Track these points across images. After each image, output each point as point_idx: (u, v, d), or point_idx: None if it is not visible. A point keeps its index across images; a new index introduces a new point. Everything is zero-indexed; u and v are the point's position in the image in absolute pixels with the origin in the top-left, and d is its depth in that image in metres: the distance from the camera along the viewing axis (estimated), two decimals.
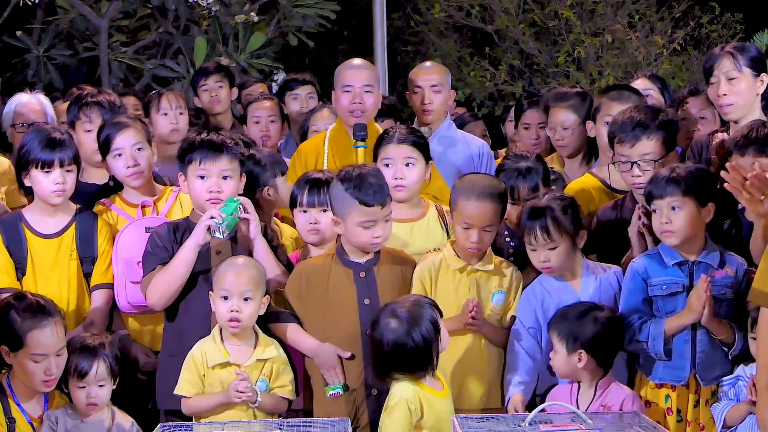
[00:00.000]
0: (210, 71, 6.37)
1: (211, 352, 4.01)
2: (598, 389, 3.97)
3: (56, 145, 4.37)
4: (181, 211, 4.61)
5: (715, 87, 4.66)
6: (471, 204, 4.20)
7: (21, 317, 3.90)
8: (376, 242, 4.15)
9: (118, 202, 4.71)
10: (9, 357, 3.95)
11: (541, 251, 4.16)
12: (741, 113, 4.61)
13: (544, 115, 5.89)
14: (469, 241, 4.20)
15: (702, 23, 10.84)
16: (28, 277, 4.39)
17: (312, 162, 5.14)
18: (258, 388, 3.98)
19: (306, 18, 8.80)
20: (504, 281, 4.28)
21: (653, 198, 4.10)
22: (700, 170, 4.13)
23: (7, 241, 4.38)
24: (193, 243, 4.14)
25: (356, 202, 4.10)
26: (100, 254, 4.51)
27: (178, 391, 4.02)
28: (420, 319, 3.84)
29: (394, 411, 3.81)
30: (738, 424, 3.93)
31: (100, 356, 4.00)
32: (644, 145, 4.39)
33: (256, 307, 4.02)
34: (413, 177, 4.46)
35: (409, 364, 3.84)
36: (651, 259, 4.14)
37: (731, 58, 4.60)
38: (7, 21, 8.74)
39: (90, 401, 3.98)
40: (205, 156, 4.22)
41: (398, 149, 4.58)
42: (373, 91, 5.19)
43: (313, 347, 4.12)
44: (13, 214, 4.50)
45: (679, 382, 4.08)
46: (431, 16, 11.45)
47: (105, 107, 4.98)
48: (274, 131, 6.05)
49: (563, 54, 10.83)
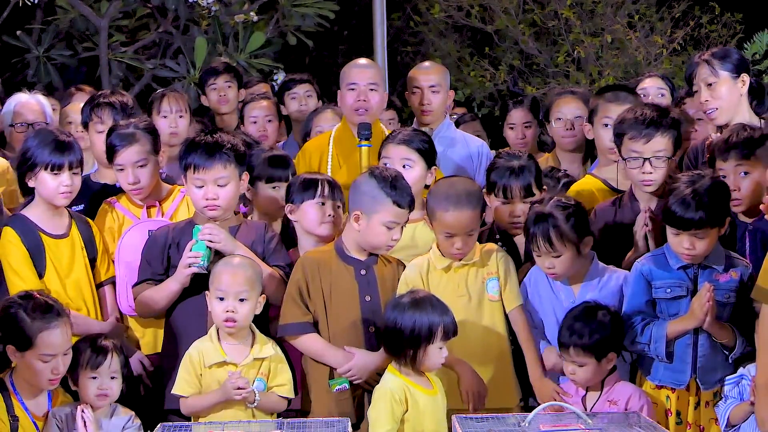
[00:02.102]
0: (219, 71, 6.38)
1: (208, 352, 4.02)
2: (605, 386, 3.98)
3: (65, 148, 4.41)
4: (187, 212, 4.64)
5: (697, 95, 4.71)
6: (449, 214, 4.20)
7: (30, 317, 3.92)
8: (392, 244, 4.18)
9: (124, 201, 4.73)
10: (15, 356, 3.97)
11: (545, 258, 4.16)
12: (727, 116, 4.63)
13: (529, 115, 5.92)
14: (454, 248, 4.21)
15: (702, 23, 10.83)
16: (50, 277, 4.41)
17: (316, 161, 5.15)
18: (256, 387, 3.98)
19: (305, 18, 8.79)
20: (492, 267, 4.27)
21: (675, 225, 4.05)
22: (716, 187, 4.06)
23: (26, 242, 4.39)
24: (177, 285, 4.21)
25: (390, 201, 4.11)
26: (100, 254, 4.56)
27: (175, 391, 4.04)
28: (426, 314, 3.85)
29: (378, 403, 3.85)
30: (741, 423, 3.92)
31: (113, 350, 4.08)
32: (658, 142, 4.37)
33: (252, 307, 4.03)
34: (409, 178, 4.41)
35: (390, 343, 3.90)
36: (656, 261, 4.13)
37: (706, 65, 4.65)
38: (7, 21, 8.73)
39: (101, 392, 4.02)
40: (200, 164, 4.24)
41: (396, 149, 4.59)
42: (378, 90, 5.20)
43: (342, 356, 4.12)
44: (18, 216, 4.50)
45: (679, 386, 4.08)
46: (431, 16, 11.44)
47: (117, 108, 5.01)
48: (271, 131, 6.06)
49: (563, 54, 10.82)
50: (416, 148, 4.60)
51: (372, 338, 4.16)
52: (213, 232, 4.19)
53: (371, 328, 4.17)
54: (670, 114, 4.45)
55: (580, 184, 4.87)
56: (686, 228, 4.00)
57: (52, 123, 5.61)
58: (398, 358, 3.91)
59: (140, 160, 4.62)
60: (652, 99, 5.25)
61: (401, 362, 3.90)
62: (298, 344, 4.17)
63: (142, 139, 4.64)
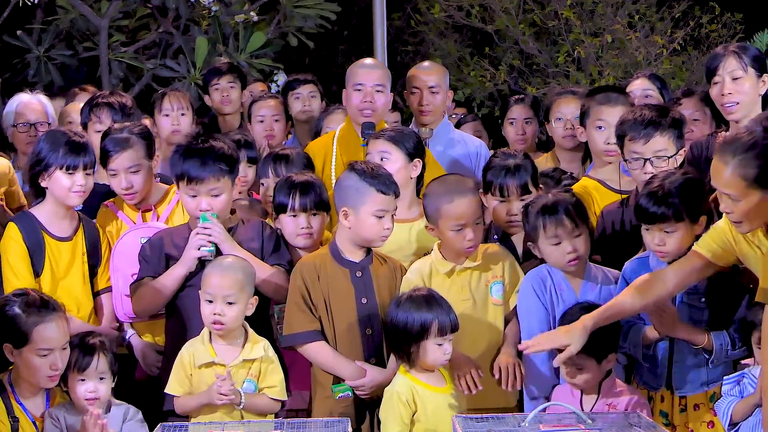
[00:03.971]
0: (223, 71, 6.36)
1: (198, 352, 4.01)
2: (602, 389, 3.97)
3: (80, 149, 4.41)
4: (182, 215, 4.62)
5: (719, 86, 4.64)
6: (456, 203, 4.19)
7: (25, 313, 3.92)
8: (385, 234, 4.15)
9: (121, 204, 4.72)
10: (12, 355, 3.95)
11: (567, 242, 4.13)
12: (744, 113, 4.61)
13: (530, 111, 5.91)
14: (466, 240, 4.19)
15: (702, 23, 10.83)
16: (46, 278, 4.41)
17: (320, 161, 5.14)
18: (245, 388, 3.96)
19: (306, 18, 8.79)
20: (497, 270, 4.27)
21: (640, 219, 4.08)
22: (688, 184, 4.05)
23: (27, 240, 4.39)
24: (184, 270, 4.20)
25: (373, 190, 4.11)
26: (104, 262, 4.57)
27: (168, 390, 4.04)
28: (419, 311, 3.85)
29: (387, 405, 3.87)
30: (745, 420, 3.88)
31: (99, 350, 4.02)
32: (657, 142, 4.37)
33: (242, 310, 4.00)
34: (389, 170, 4.34)
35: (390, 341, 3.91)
36: (640, 262, 4.16)
37: (737, 57, 4.60)
38: (7, 21, 8.73)
39: (90, 395, 3.98)
40: (193, 175, 4.21)
41: (373, 144, 4.62)
42: (384, 91, 5.20)
43: (355, 370, 4.12)
44: (26, 215, 4.51)
45: (655, 389, 4.11)
46: (431, 16, 11.44)
47: (116, 109, 5.02)
48: (278, 130, 6.04)
49: (563, 54, 10.82)
50: (389, 138, 4.58)
51: (370, 341, 4.16)
52: (216, 229, 4.18)
53: (368, 330, 4.16)
54: (671, 113, 4.45)
55: (578, 186, 4.88)
56: (651, 222, 4.03)
57: (54, 123, 5.61)
58: (399, 356, 3.91)
59: (133, 165, 4.61)
60: (638, 100, 5.23)
61: (403, 360, 3.90)
62: (306, 353, 4.17)
63: (135, 145, 4.63)
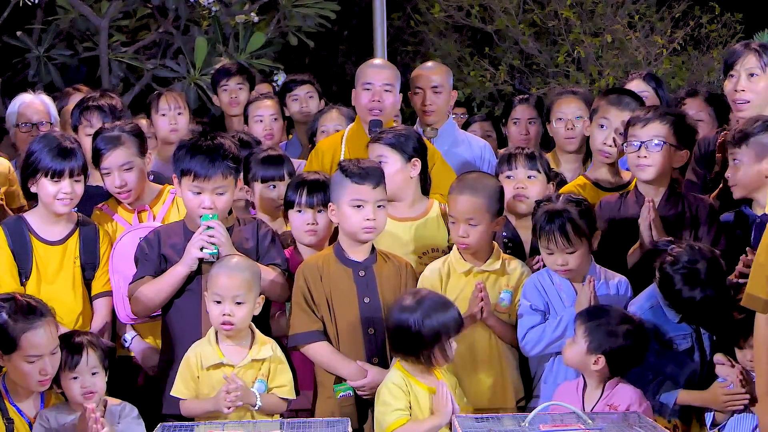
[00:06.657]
0: (232, 72, 6.35)
1: (206, 354, 4.00)
2: (605, 389, 3.97)
3: (67, 155, 4.37)
4: (177, 214, 4.61)
5: (733, 81, 4.65)
6: (451, 197, 4.29)
7: (13, 320, 3.87)
8: (367, 226, 4.13)
9: (114, 207, 4.71)
10: (2, 360, 3.93)
11: (558, 255, 4.17)
12: (754, 112, 4.61)
13: (534, 111, 5.91)
14: (457, 235, 4.23)
15: (702, 23, 10.83)
16: (32, 282, 4.38)
17: (329, 160, 5.14)
18: (257, 389, 3.96)
19: (306, 18, 8.79)
20: (511, 280, 4.29)
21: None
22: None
23: (12, 244, 4.38)
24: (186, 269, 4.16)
25: (348, 180, 4.15)
26: (102, 264, 4.52)
27: (173, 393, 4.02)
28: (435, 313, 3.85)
29: (383, 391, 3.86)
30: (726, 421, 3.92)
31: (87, 347, 3.98)
32: (654, 128, 4.41)
33: (250, 310, 4.00)
34: (387, 174, 4.36)
35: (404, 344, 3.87)
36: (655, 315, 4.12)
37: (757, 55, 4.61)
38: (7, 21, 8.72)
39: (86, 390, 3.95)
40: (200, 173, 4.16)
41: (371, 148, 4.62)
42: (392, 91, 5.20)
43: (356, 370, 4.13)
44: (17, 218, 4.49)
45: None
46: (431, 16, 11.44)
47: (105, 111, 5.01)
48: (277, 129, 6.05)
49: (563, 54, 10.82)
50: (387, 143, 4.58)
51: (372, 340, 4.17)
52: (220, 231, 4.15)
53: (371, 330, 4.17)
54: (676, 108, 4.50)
55: (572, 185, 4.89)
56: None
57: (56, 123, 5.61)
58: (414, 358, 3.88)
59: (126, 163, 4.60)
60: None
61: (413, 362, 3.89)
62: (307, 353, 4.18)
63: (127, 142, 4.62)
